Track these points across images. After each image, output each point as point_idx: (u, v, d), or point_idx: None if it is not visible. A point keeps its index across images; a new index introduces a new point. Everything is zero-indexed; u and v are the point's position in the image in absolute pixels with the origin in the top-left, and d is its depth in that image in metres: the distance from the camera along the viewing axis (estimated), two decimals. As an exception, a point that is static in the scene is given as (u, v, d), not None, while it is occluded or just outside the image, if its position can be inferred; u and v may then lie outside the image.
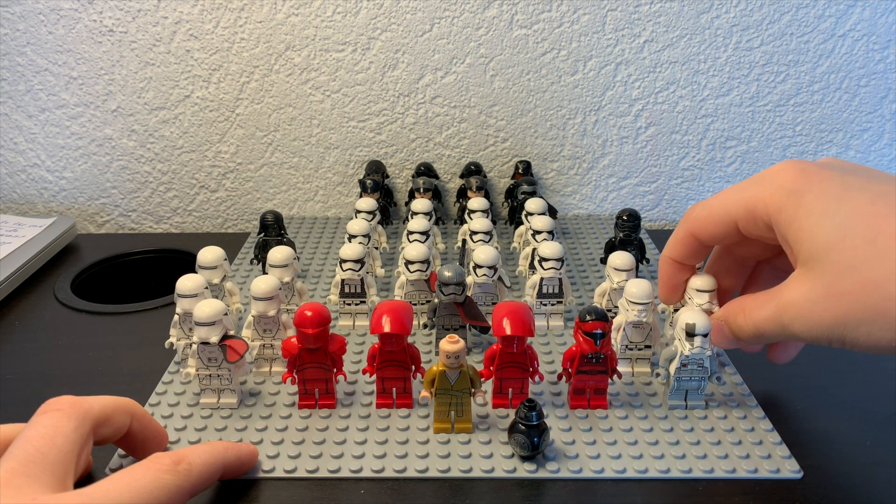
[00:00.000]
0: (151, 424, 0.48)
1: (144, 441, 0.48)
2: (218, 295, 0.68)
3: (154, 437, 0.49)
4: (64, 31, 0.87)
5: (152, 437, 0.48)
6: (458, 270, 0.63)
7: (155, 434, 0.49)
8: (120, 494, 0.36)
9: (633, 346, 0.61)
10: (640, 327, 0.60)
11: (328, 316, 0.55)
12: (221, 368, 0.57)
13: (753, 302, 0.48)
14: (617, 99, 0.91)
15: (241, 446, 0.48)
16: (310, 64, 0.88)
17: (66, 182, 0.95)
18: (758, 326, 0.47)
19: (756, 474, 0.51)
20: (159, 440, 0.49)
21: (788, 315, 0.44)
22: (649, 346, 0.61)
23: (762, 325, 0.47)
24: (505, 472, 0.51)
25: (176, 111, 0.90)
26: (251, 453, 0.49)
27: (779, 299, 0.45)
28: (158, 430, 0.49)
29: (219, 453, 0.45)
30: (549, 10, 0.86)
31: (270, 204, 0.96)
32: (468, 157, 0.94)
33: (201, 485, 0.42)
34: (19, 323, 0.72)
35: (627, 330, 0.60)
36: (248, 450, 0.49)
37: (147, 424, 0.48)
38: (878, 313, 0.40)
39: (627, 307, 0.60)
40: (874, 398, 0.60)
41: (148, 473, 0.38)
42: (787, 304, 0.45)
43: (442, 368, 0.53)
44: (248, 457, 0.49)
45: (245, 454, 0.49)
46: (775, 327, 0.46)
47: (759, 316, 0.47)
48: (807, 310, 0.43)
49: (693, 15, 0.87)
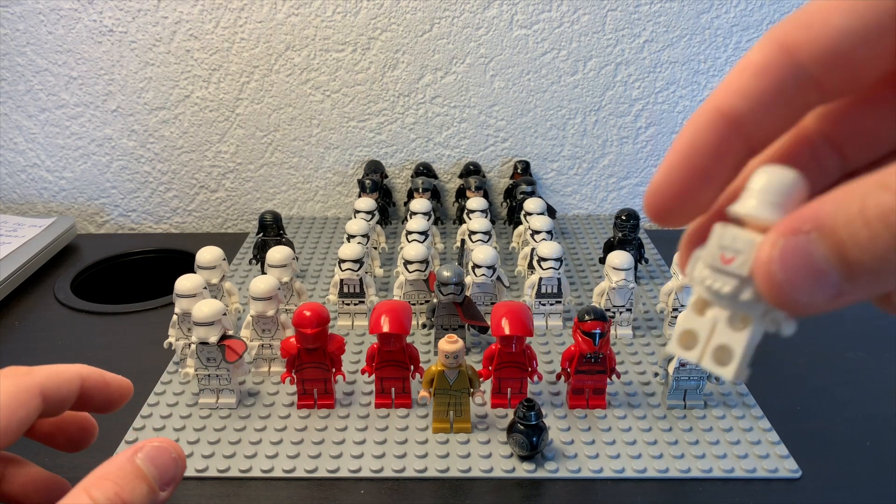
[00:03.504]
0: (109, 380, 0.40)
1: (107, 399, 0.40)
2: (217, 295, 0.68)
3: (116, 391, 0.41)
4: (64, 31, 0.87)
5: (114, 392, 0.41)
6: (457, 270, 0.63)
7: (117, 388, 0.41)
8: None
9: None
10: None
11: (327, 316, 0.55)
12: (220, 368, 0.57)
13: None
14: (617, 99, 0.91)
15: (106, 372, 0.40)
16: (310, 64, 0.88)
17: (66, 182, 0.95)
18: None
19: (754, 474, 0.51)
20: (122, 392, 0.41)
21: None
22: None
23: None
24: (504, 472, 0.51)
25: (176, 111, 0.91)
26: (121, 380, 0.41)
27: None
28: (119, 383, 0.41)
29: (71, 367, 0.38)
30: (549, 10, 0.86)
31: (270, 204, 0.96)
32: (468, 157, 0.94)
33: (48, 383, 0.36)
34: (19, 323, 0.72)
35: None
36: (118, 379, 0.40)
37: (105, 381, 0.40)
38: None
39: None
40: (874, 398, 0.60)
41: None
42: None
43: (441, 368, 0.53)
44: (114, 379, 0.40)
45: (111, 376, 0.40)
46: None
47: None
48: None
49: (693, 15, 0.87)
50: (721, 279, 0.21)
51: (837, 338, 0.68)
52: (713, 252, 0.21)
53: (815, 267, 0.19)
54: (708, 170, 0.22)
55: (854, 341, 0.67)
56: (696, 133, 0.22)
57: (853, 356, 0.65)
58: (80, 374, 0.37)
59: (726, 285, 0.21)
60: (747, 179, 0.21)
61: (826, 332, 0.68)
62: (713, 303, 0.22)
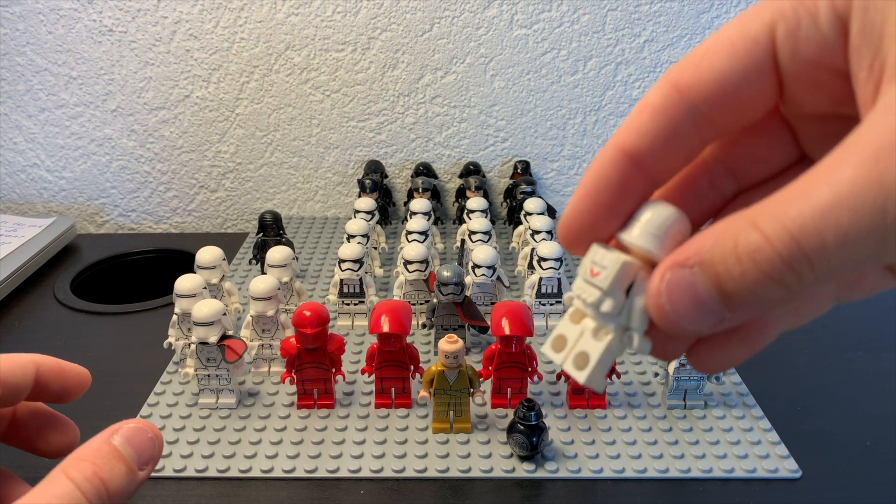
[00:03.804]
0: (66, 368, 0.40)
1: (63, 387, 0.39)
2: (216, 295, 0.68)
3: (73, 378, 0.40)
4: (63, 31, 0.87)
5: (71, 380, 0.40)
6: (457, 270, 0.63)
7: (73, 376, 0.40)
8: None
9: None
10: None
11: (327, 316, 0.55)
12: (220, 368, 0.57)
13: (775, 201, 0.20)
14: (617, 99, 0.91)
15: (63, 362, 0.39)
16: (310, 64, 0.88)
17: (66, 182, 0.95)
18: (801, 230, 0.19)
19: (755, 474, 0.51)
20: (79, 380, 0.40)
21: (873, 191, 0.18)
22: None
23: (809, 226, 0.19)
24: (504, 472, 0.51)
25: (176, 111, 0.90)
26: (78, 369, 0.40)
27: (843, 170, 0.19)
28: (76, 372, 0.40)
29: (25, 354, 0.37)
30: (549, 9, 0.86)
31: (270, 204, 0.96)
32: (468, 157, 0.94)
33: (2, 366, 0.36)
34: (19, 323, 0.72)
35: None
36: (75, 368, 0.40)
37: (61, 368, 0.39)
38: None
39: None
40: (874, 398, 0.60)
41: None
42: (876, 161, 0.19)
43: (441, 368, 0.53)
44: (71, 368, 0.39)
45: (68, 365, 0.39)
46: (834, 230, 0.19)
47: (804, 208, 0.19)
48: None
49: (693, 15, 0.87)
50: (588, 290, 0.23)
51: (837, 338, 0.68)
52: (586, 266, 0.24)
53: (698, 298, 0.21)
54: (612, 204, 0.24)
55: (854, 341, 0.67)
56: (600, 170, 0.24)
57: (853, 356, 0.65)
58: (34, 361, 0.37)
59: (591, 296, 0.23)
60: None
61: (826, 332, 0.68)
62: (585, 313, 0.24)
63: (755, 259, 0.20)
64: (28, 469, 0.38)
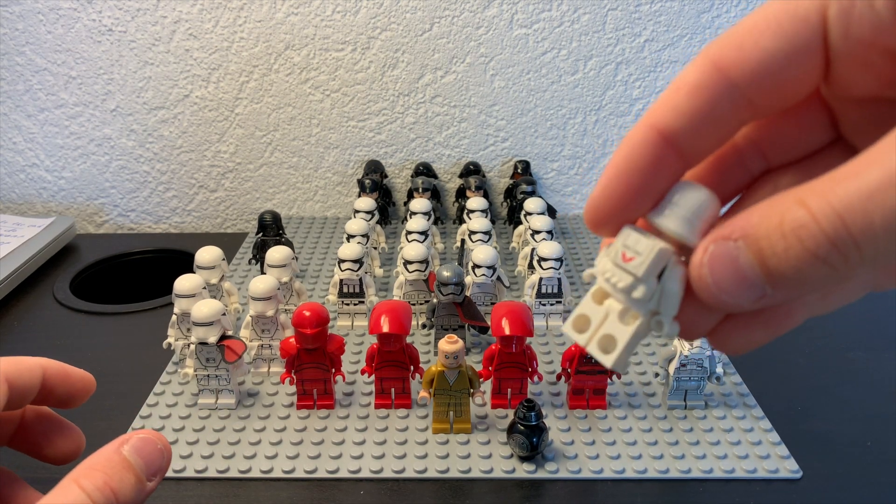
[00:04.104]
0: (71, 373, 0.40)
1: (68, 391, 0.39)
2: (216, 295, 0.68)
3: (78, 383, 0.40)
4: (63, 31, 0.86)
5: (76, 385, 0.40)
6: (457, 270, 0.63)
7: (79, 380, 0.40)
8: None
9: None
10: None
11: (326, 316, 0.55)
12: (219, 369, 0.57)
13: (824, 181, 0.20)
14: (617, 98, 0.91)
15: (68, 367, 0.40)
16: (309, 63, 0.88)
17: (65, 182, 0.94)
18: (847, 209, 0.19)
19: (755, 474, 0.51)
20: (84, 385, 0.40)
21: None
22: None
23: (856, 206, 0.19)
24: (504, 473, 0.51)
25: (175, 111, 0.90)
26: (83, 374, 0.40)
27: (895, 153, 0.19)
28: (82, 377, 0.40)
29: (33, 358, 0.38)
30: (550, 9, 0.86)
31: (269, 204, 0.96)
32: (468, 157, 0.94)
33: (11, 370, 0.36)
34: (18, 323, 0.72)
35: None
36: (81, 373, 0.40)
37: (66, 373, 0.39)
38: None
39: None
40: (874, 398, 0.60)
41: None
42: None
43: (441, 368, 0.53)
44: (76, 373, 0.40)
45: (73, 370, 0.39)
46: (882, 211, 0.19)
47: (852, 188, 0.19)
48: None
49: (693, 14, 0.87)
50: (619, 274, 0.23)
51: (838, 338, 0.68)
52: (617, 249, 0.23)
53: (740, 272, 0.21)
54: (644, 185, 0.23)
55: (854, 341, 0.67)
56: (632, 150, 0.23)
57: (853, 356, 0.65)
58: (41, 365, 0.37)
59: (622, 281, 0.23)
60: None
61: (826, 332, 0.68)
62: (610, 295, 0.24)
63: (800, 236, 0.19)
64: (27, 469, 0.38)
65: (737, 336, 0.24)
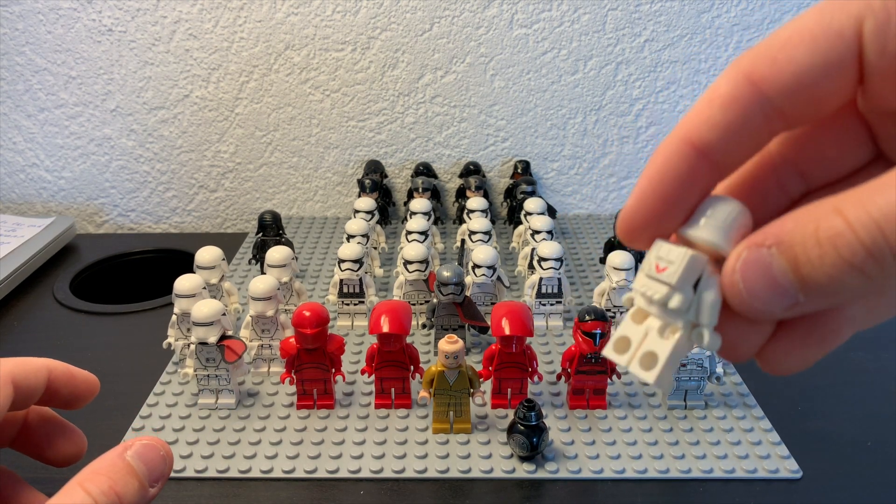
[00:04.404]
0: (76, 374, 0.40)
1: (73, 392, 0.39)
2: (216, 295, 0.68)
3: (83, 384, 0.40)
4: (63, 31, 0.86)
5: (80, 385, 0.40)
6: (457, 270, 0.63)
7: (83, 381, 0.40)
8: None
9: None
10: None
11: (326, 316, 0.55)
12: (219, 369, 0.57)
13: (862, 190, 0.20)
14: (617, 98, 0.91)
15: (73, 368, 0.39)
16: (309, 63, 0.88)
17: (65, 182, 0.94)
18: (886, 218, 0.19)
19: (755, 474, 0.51)
20: (88, 386, 0.40)
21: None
22: None
23: (895, 215, 0.19)
24: (504, 473, 0.51)
25: (175, 111, 0.90)
26: (88, 375, 0.40)
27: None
28: (86, 378, 0.40)
29: (38, 359, 0.38)
30: (550, 9, 0.86)
31: (269, 204, 0.96)
32: (468, 157, 0.94)
33: (17, 371, 0.36)
34: (18, 323, 0.72)
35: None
36: (85, 374, 0.40)
37: (71, 374, 0.39)
38: None
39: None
40: (874, 398, 0.60)
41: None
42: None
43: (441, 368, 0.53)
44: (80, 374, 0.40)
45: (78, 371, 0.39)
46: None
47: (892, 198, 0.19)
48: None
49: (694, 14, 0.87)
50: (654, 286, 0.23)
51: (838, 338, 0.68)
52: (651, 262, 0.23)
53: (773, 279, 0.21)
54: (677, 197, 0.23)
55: (854, 341, 0.67)
56: (666, 163, 0.23)
57: (853, 356, 0.65)
58: (46, 366, 0.37)
59: (657, 292, 0.23)
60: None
61: (827, 332, 0.68)
62: (648, 311, 0.24)
63: (835, 244, 0.19)
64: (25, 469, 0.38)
65: (791, 356, 0.24)
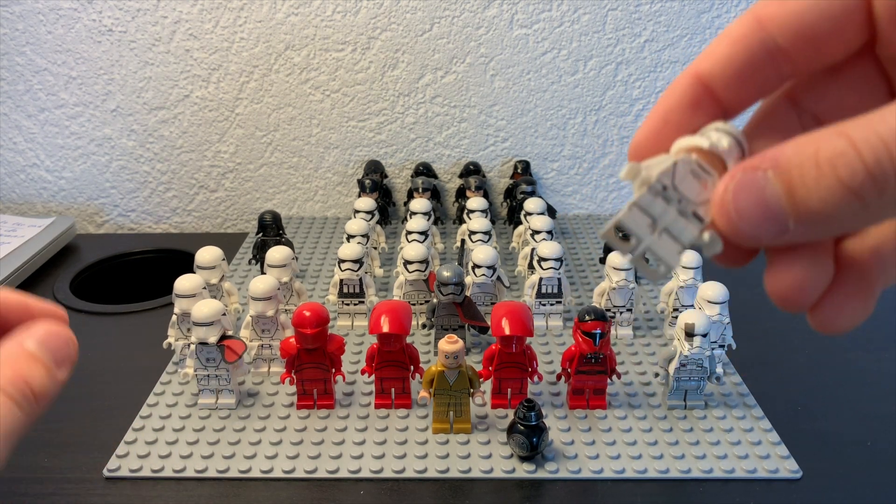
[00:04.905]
0: (32, 305, 0.35)
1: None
2: (216, 295, 0.68)
3: (40, 316, 0.35)
4: (63, 31, 0.86)
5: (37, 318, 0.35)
6: (457, 270, 0.63)
7: (40, 313, 0.36)
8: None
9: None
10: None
11: (327, 316, 0.55)
12: (219, 369, 0.57)
13: (870, 114, 0.20)
14: (617, 99, 0.91)
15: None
16: (309, 63, 0.88)
17: (66, 182, 0.94)
18: (894, 136, 0.19)
19: (755, 474, 0.51)
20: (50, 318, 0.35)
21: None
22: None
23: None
24: (504, 473, 0.51)
25: (175, 111, 0.90)
26: (49, 308, 0.35)
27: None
28: (45, 310, 0.36)
29: None
30: (550, 9, 0.86)
31: (270, 204, 0.96)
32: (468, 157, 0.94)
33: None
34: (18, 323, 0.72)
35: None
36: (44, 306, 0.35)
37: (26, 305, 0.35)
38: None
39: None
40: (874, 398, 0.60)
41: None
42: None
43: (441, 368, 0.53)
44: (37, 305, 0.36)
45: (35, 302, 0.36)
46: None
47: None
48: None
49: (694, 14, 0.87)
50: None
51: (837, 338, 0.68)
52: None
53: (765, 202, 0.20)
54: (680, 123, 0.24)
55: (854, 341, 0.67)
56: (673, 92, 0.25)
57: (853, 356, 0.65)
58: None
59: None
60: None
61: (827, 333, 0.68)
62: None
63: (835, 165, 0.19)
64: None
65: (844, 312, 0.24)
